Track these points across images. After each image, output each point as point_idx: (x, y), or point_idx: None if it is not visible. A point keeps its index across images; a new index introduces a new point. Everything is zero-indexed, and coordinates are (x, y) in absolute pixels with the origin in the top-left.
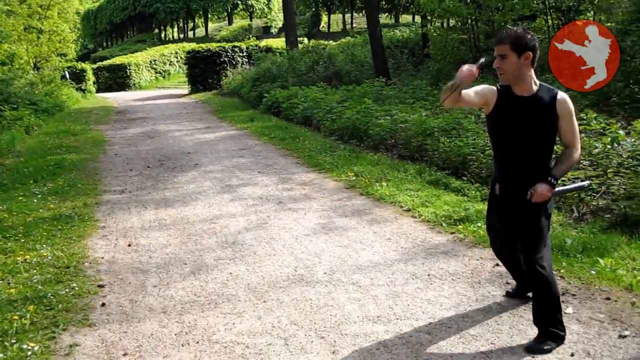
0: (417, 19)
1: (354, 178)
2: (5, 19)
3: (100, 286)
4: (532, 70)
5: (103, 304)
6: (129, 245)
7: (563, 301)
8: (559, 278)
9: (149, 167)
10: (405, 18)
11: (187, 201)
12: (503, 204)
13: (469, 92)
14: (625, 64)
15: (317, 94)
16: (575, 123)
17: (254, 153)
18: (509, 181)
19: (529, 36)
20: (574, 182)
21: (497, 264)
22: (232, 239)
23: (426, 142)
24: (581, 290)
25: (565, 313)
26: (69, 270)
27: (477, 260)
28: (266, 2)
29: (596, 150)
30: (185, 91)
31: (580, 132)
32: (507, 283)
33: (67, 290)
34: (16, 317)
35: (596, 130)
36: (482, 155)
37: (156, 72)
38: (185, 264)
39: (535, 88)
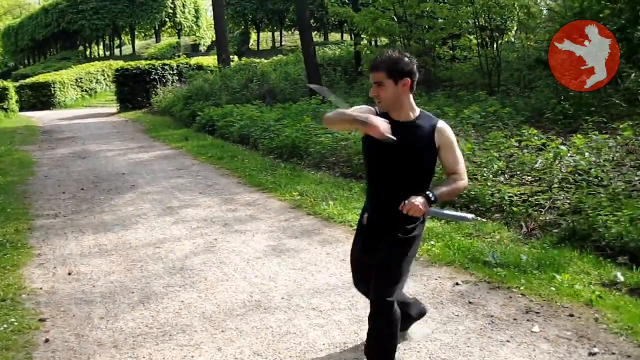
0: (346, 37)
1: (299, 197)
2: None
3: (41, 320)
4: (411, 96)
5: (47, 340)
6: (69, 274)
7: (528, 320)
8: (520, 296)
9: (82, 189)
10: (334, 36)
11: (128, 225)
12: (369, 234)
13: None
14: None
15: (253, 112)
16: (458, 152)
17: (193, 173)
18: (379, 209)
19: (406, 60)
20: (460, 210)
21: (457, 283)
22: (180, 265)
23: None
24: (544, 307)
25: (532, 332)
26: (5, 304)
27: (436, 279)
28: (195, 20)
29: (537, 165)
30: (114, 110)
31: (522, 148)
32: (470, 303)
33: (5, 326)
34: None
35: (535, 146)
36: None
37: (82, 91)
38: (133, 292)
39: (413, 115)
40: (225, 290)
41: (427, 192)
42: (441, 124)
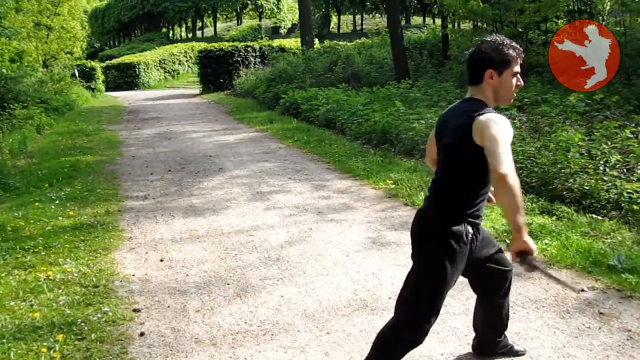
0: (428, 20)
1: (394, 186)
2: (14, 15)
3: (135, 310)
4: None
5: (142, 334)
6: (161, 261)
7: None
8: None
9: (170, 170)
10: (416, 19)
11: (218, 209)
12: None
13: None
14: None
15: (339, 95)
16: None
17: (280, 157)
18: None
19: None
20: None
21: (583, 290)
22: (275, 255)
23: None
24: None
25: None
26: (98, 290)
27: (557, 284)
28: (276, 2)
29: None
30: (197, 91)
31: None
32: (601, 313)
33: (99, 315)
34: (44, 350)
35: None
36: (531, 163)
37: (165, 72)
38: (228, 284)
39: None
40: (326, 286)
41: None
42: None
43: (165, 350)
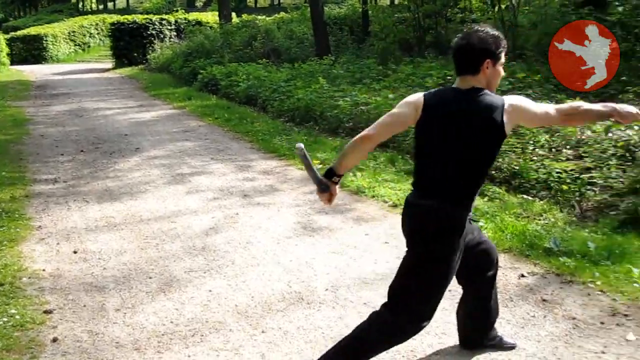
0: None
1: (321, 166)
2: None
3: (47, 312)
4: None
5: (55, 339)
6: (75, 253)
7: (618, 324)
8: (599, 293)
9: (82, 151)
10: None
11: (135, 193)
12: None
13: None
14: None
15: (260, 71)
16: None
17: (200, 136)
18: None
19: None
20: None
21: (523, 275)
22: (200, 244)
23: None
24: (631, 308)
25: (627, 340)
26: (3, 289)
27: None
28: None
29: (584, 138)
30: (109, 65)
31: None
32: (544, 300)
33: (4, 319)
34: None
35: None
36: None
37: (75, 45)
38: (150, 277)
39: None
40: (258, 278)
41: None
42: None
43: (82, 357)
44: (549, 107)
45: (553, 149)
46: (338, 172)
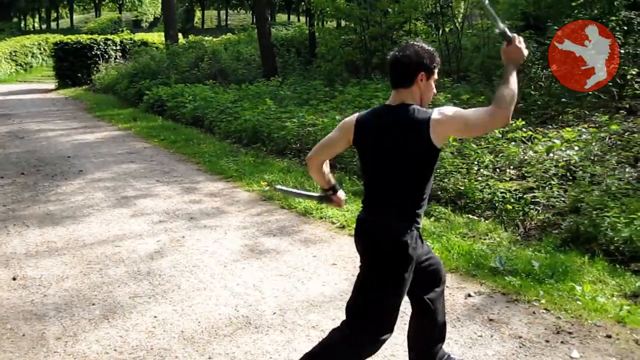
0: (293, 18)
1: (268, 188)
2: None
3: None
4: None
5: None
6: (14, 279)
7: (562, 342)
8: (543, 311)
9: (23, 173)
10: (281, 17)
11: (78, 217)
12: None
13: None
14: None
15: (207, 92)
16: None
17: (146, 157)
18: None
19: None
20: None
21: (469, 295)
22: (145, 268)
23: None
24: (575, 326)
25: (571, 357)
26: None
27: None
28: None
29: (527, 158)
30: (52, 86)
31: (508, 140)
32: (491, 320)
33: None
34: None
35: (521, 138)
36: None
37: (17, 65)
38: (93, 304)
39: None
40: (204, 302)
41: None
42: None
43: None
44: (480, 109)
45: (497, 169)
46: (324, 187)
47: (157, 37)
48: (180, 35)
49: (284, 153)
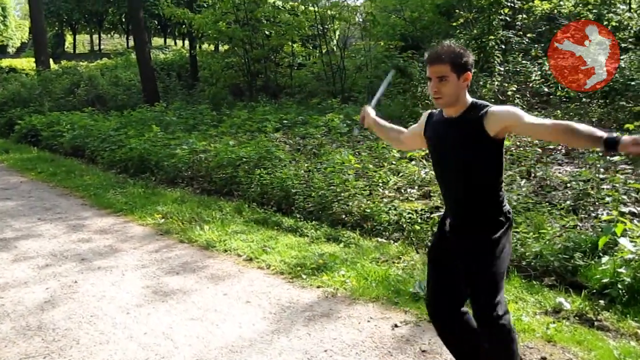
0: (169, 41)
1: (163, 220)
2: None
3: None
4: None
5: None
6: None
7: None
8: None
9: None
10: (157, 41)
11: None
12: (444, 246)
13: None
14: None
15: (86, 120)
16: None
17: (23, 193)
18: (455, 213)
19: (468, 52)
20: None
21: (396, 325)
22: (35, 322)
23: (236, 175)
24: None
25: None
26: None
27: (369, 321)
28: (2, 18)
29: (428, 177)
30: None
31: (408, 159)
32: (423, 351)
33: None
34: None
35: (420, 157)
36: (306, 187)
37: None
38: None
39: (463, 109)
40: (109, 358)
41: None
42: (492, 108)
43: None
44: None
45: (400, 190)
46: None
47: (26, 63)
48: (51, 61)
49: (175, 182)
